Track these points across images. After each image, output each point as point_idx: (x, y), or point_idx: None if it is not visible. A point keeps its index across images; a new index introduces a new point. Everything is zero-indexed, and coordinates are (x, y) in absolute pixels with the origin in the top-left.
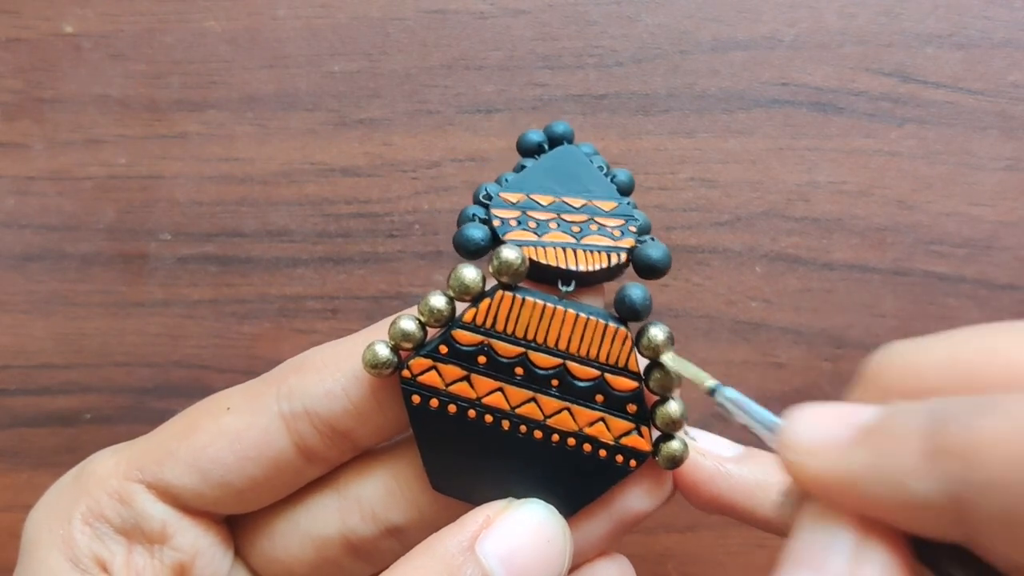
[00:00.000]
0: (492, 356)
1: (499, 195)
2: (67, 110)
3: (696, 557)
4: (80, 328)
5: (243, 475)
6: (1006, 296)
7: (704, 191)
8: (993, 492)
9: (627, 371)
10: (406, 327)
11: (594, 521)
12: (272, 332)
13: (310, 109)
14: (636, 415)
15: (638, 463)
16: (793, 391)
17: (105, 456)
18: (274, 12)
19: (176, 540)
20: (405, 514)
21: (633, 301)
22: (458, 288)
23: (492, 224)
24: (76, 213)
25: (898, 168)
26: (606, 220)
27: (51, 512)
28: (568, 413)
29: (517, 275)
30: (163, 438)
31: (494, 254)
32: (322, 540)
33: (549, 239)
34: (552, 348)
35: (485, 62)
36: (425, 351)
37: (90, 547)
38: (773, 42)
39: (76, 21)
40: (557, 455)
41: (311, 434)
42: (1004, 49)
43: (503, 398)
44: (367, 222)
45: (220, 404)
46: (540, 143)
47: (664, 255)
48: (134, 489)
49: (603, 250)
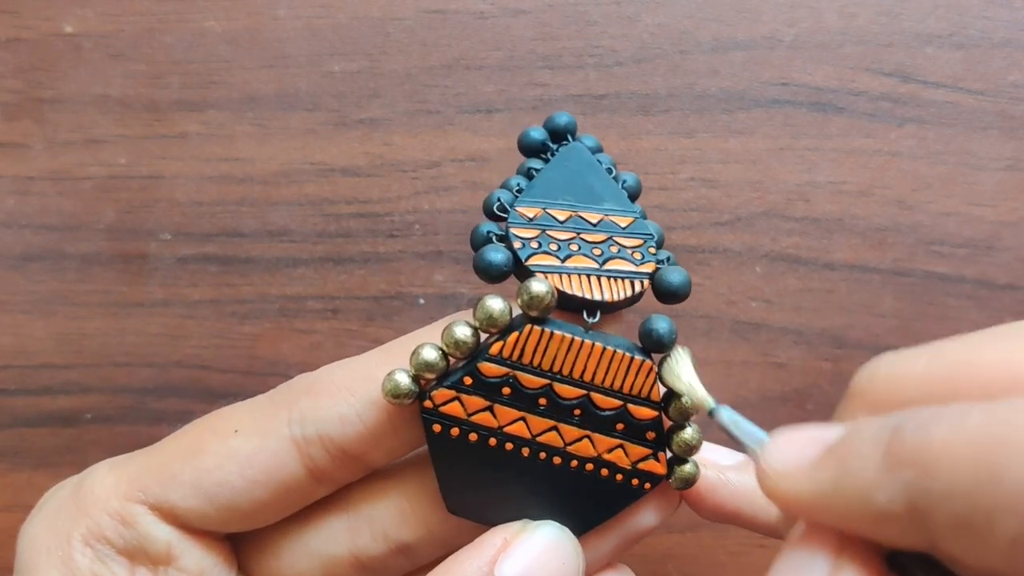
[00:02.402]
0: (517, 387)
1: (515, 209)
2: (67, 110)
3: (696, 557)
4: (80, 328)
5: (251, 498)
6: (1006, 296)
7: (704, 191)
8: (947, 499)
9: (649, 401)
10: (429, 357)
11: (604, 539)
12: (272, 332)
13: (310, 109)
14: (654, 441)
15: (652, 486)
16: (793, 391)
17: (103, 473)
18: (274, 12)
19: (181, 561)
20: (416, 533)
21: (660, 336)
22: (484, 320)
23: (512, 245)
24: (76, 213)
25: (898, 168)
26: (625, 240)
27: (48, 531)
28: (588, 440)
29: (547, 310)
30: (166, 457)
31: (523, 288)
32: (330, 559)
33: (572, 264)
34: (577, 380)
35: (485, 62)
36: (449, 382)
37: (91, 569)
38: (773, 42)
39: (76, 21)
40: (574, 479)
41: (323, 458)
42: (1004, 49)
43: (525, 427)
44: (367, 222)
45: (226, 424)
46: (543, 141)
47: (684, 281)
48: (136, 511)
49: (626, 276)
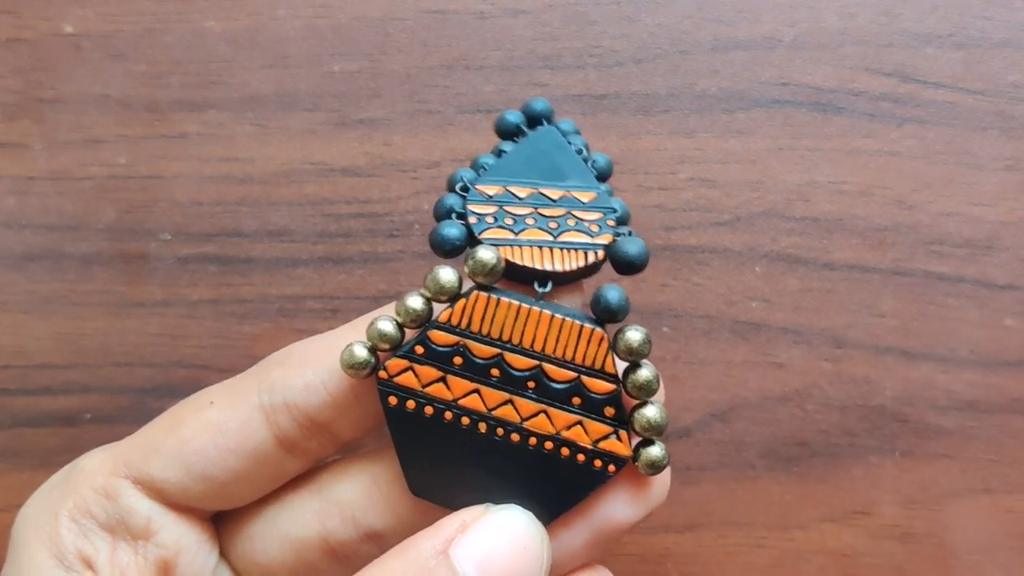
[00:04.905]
0: (468, 357)
1: (476, 187)
2: (67, 110)
3: (696, 557)
4: (80, 328)
5: (225, 468)
6: (1006, 296)
7: (704, 191)
8: None
9: (604, 373)
10: (383, 328)
11: (574, 530)
12: (272, 332)
13: (310, 109)
14: (614, 419)
15: (617, 468)
16: (793, 391)
17: (94, 454)
18: (274, 12)
19: (160, 536)
20: (384, 519)
21: (609, 302)
22: (434, 289)
23: (468, 221)
24: (76, 213)
25: (898, 168)
26: (584, 214)
27: (39, 509)
28: (545, 416)
29: (492, 276)
30: (150, 434)
31: (469, 254)
32: (301, 543)
33: (526, 237)
34: (528, 349)
35: (485, 62)
36: (402, 352)
37: (76, 544)
38: (773, 42)
39: (76, 21)
40: (534, 459)
41: (290, 426)
42: (1004, 49)
43: (479, 400)
44: (367, 222)
45: (204, 399)
46: (518, 124)
47: (641, 251)
48: (120, 484)
49: (580, 247)
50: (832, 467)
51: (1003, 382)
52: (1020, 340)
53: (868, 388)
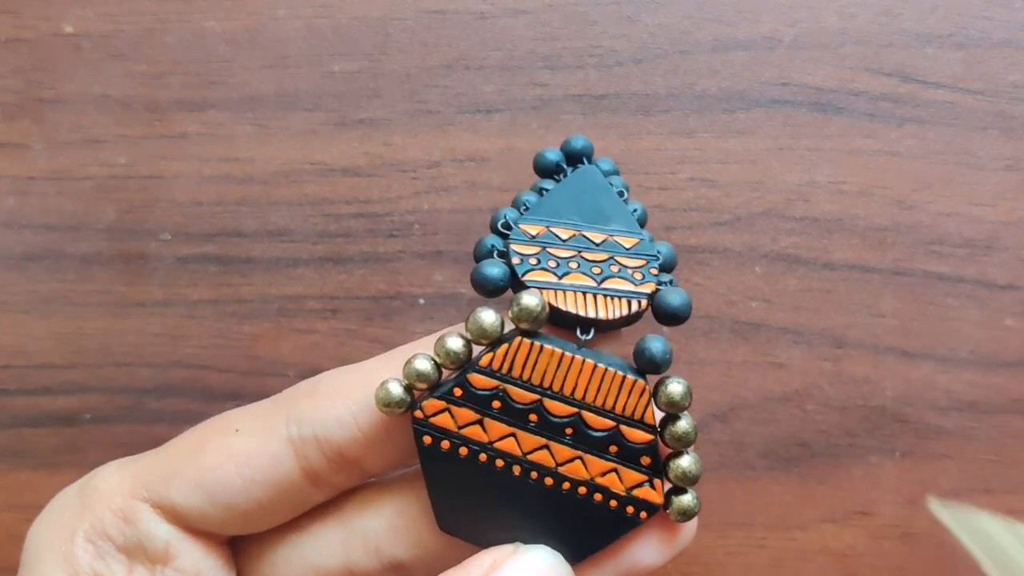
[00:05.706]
0: (507, 401)
1: (518, 226)
2: (67, 110)
3: (696, 557)
4: (80, 328)
5: (249, 498)
6: (1006, 296)
7: (704, 191)
8: None
9: (643, 424)
10: (421, 367)
11: (601, 570)
12: (272, 332)
13: (310, 109)
14: (650, 467)
15: (649, 515)
16: (793, 391)
17: (110, 472)
18: (274, 12)
19: (178, 561)
20: (409, 551)
21: (653, 355)
22: (476, 332)
23: (511, 261)
24: (76, 213)
25: (898, 168)
26: (627, 260)
27: (54, 527)
28: (580, 462)
29: (537, 323)
30: (170, 456)
31: (514, 300)
32: (324, 571)
33: (569, 281)
34: (568, 397)
35: (485, 62)
36: (439, 393)
37: (92, 565)
38: (773, 42)
39: (76, 21)
40: (567, 503)
41: (319, 459)
42: (1004, 49)
43: (515, 443)
44: (367, 222)
45: (229, 425)
46: (558, 163)
47: (684, 303)
48: (139, 508)
49: (624, 296)
50: (832, 467)
51: (1003, 382)
52: (1020, 340)
53: (868, 388)
